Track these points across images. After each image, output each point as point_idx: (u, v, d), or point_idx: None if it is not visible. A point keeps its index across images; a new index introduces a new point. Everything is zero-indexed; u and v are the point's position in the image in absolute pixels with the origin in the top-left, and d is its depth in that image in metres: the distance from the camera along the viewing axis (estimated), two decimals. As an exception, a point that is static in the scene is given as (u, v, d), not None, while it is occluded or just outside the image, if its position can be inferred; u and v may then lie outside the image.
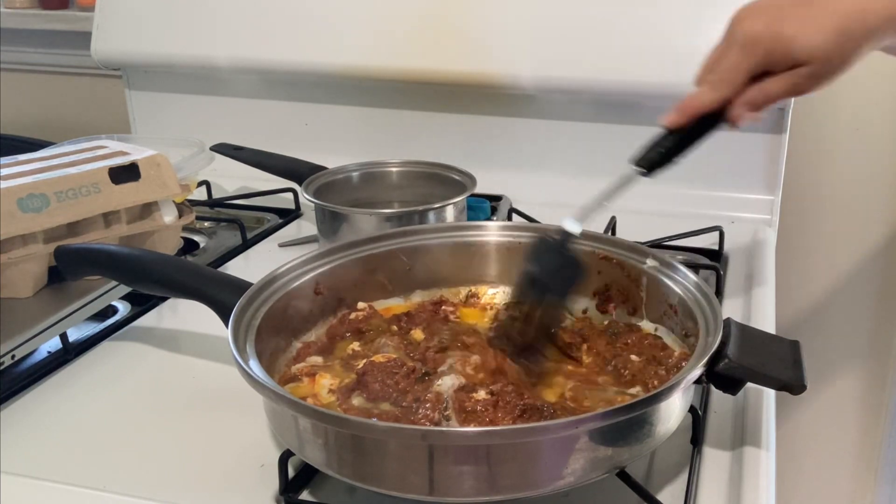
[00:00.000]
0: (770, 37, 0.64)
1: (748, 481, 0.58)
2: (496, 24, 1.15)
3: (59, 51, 1.62)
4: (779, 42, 0.63)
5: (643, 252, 0.74)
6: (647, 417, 0.55)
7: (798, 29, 0.63)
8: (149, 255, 0.75)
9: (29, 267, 0.82)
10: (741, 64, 0.65)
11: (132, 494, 0.59)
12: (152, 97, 1.37)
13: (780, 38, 0.63)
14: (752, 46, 0.64)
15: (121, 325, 0.85)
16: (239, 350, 0.59)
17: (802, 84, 0.65)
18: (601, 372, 0.67)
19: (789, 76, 0.65)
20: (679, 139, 0.68)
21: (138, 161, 0.90)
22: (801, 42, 0.63)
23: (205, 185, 1.19)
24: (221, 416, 0.69)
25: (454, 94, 1.21)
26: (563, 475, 0.53)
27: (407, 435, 0.53)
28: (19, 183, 0.82)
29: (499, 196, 1.13)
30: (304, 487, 0.60)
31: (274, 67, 1.24)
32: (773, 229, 1.10)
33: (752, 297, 0.89)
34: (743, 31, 0.65)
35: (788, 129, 1.11)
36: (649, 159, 0.68)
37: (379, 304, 0.77)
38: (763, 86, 0.66)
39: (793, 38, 0.63)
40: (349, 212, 0.96)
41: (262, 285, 0.68)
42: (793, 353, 0.60)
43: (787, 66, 0.64)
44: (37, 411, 0.71)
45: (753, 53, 0.64)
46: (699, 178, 1.14)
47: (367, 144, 1.27)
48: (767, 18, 0.64)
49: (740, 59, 0.65)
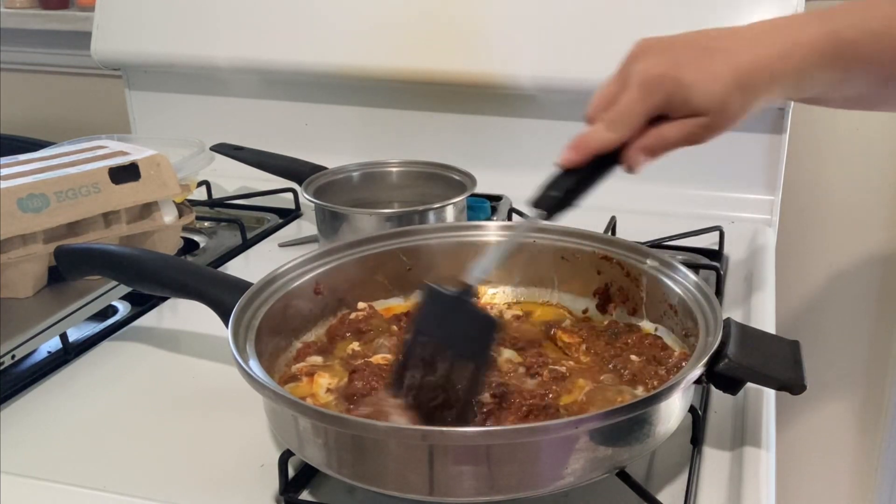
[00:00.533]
0: (671, 82, 0.61)
1: (748, 481, 0.58)
2: (496, 24, 1.15)
3: (59, 51, 1.62)
4: (679, 88, 0.61)
5: (643, 252, 0.74)
6: (647, 417, 0.55)
7: (697, 77, 0.61)
8: (149, 255, 0.75)
9: (29, 267, 0.82)
10: (640, 105, 0.62)
11: (132, 494, 0.59)
12: (152, 97, 1.37)
13: (681, 84, 0.61)
14: (652, 89, 0.62)
15: (121, 325, 0.85)
16: (239, 350, 0.59)
17: (698, 134, 0.63)
18: (601, 371, 0.67)
19: (685, 125, 0.63)
20: (577, 180, 0.64)
21: (138, 161, 0.90)
22: (699, 91, 0.61)
23: (205, 185, 1.19)
24: (221, 416, 0.69)
25: (454, 94, 1.21)
26: (563, 475, 0.53)
27: (407, 435, 0.53)
28: (19, 183, 0.82)
29: (499, 196, 1.13)
30: (304, 487, 0.60)
31: (274, 67, 1.24)
32: (773, 229, 1.11)
33: (752, 296, 0.89)
34: (643, 71, 0.62)
35: (788, 129, 1.11)
36: (549, 201, 0.64)
37: (379, 304, 0.77)
38: (660, 132, 0.63)
39: (692, 87, 0.61)
40: (349, 212, 0.96)
41: (262, 285, 0.68)
42: (793, 353, 0.60)
43: (684, 113, 0.62)
44: (37, 411, 0.71)
45: (654, 96, 0.62)
46: (699, 178, 1.14)
47: (367, 144, 1.27)
48: (667, 63, 0.62)
49: (639, 101, 0.62)
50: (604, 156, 0.63)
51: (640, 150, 0.63)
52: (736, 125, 0.64)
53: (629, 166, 0.64)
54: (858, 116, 1.27)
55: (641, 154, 0.63)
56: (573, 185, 0.64)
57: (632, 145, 0.63)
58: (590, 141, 0.63)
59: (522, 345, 0.70)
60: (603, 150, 0.63)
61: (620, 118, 0.63)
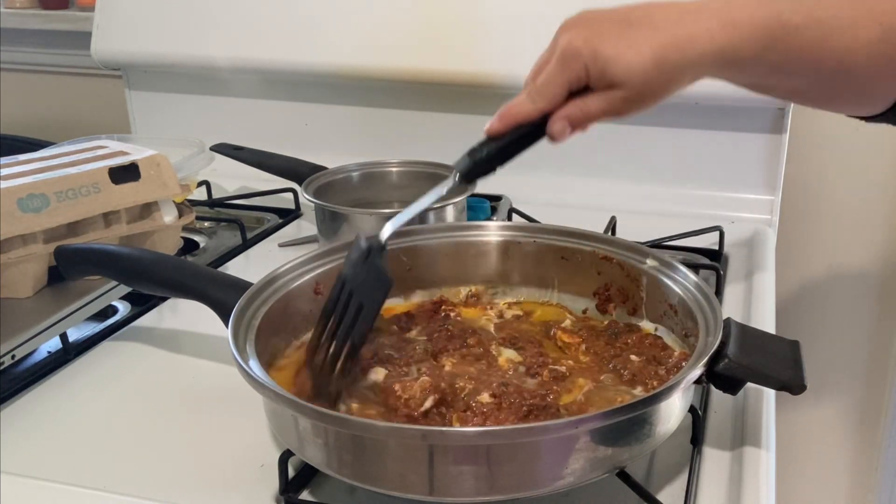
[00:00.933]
0: (589, 53, 0.61)
1: (748, 481, 0.58)
2: (496, 24, 1.15)
3: (59, 51, 1.62)
4: (597, 60, 0.61)
5: (643, 252, 0.74)
6: (647, 417, 0.55)
7: (617, 51, 0.61)
8: (149, 255, 0.75)
9: (29, 267, 0.82)
10: (559, 77, 0.63)
11: (132, 494, 0.59)
12: (152, 97, 1.37)
13: (598, 56, 0.61)
14: (570, 60, 0.62)
15: (121, 325, 0.85)
16: (239, 350, 0.59)
17: (617, 106, 0.63)
18: (601, 371, 0.67)
19: (605, 96, 0.63)
20: (499, 147, 0.66)
21: (138, 161, 0.90)
22: (617, 64, 0.61)
23: (205, 185, 1.19)
24: (221, 416, 0.69)
25: (454, 94, 1.21)
26: (563, 475, 0.53)
27: (407, 435, 0.53)
28: (19, 183, 0.82)
29: (499, 196, 1.13)
30: (304, 487, 0.60)
31: (274, 67, 1.24)
32: (773, 229, 1.11)
33: (752, 297, 0.89)
34: (565, 43, 0.62)
35: (788, 129, 1.11)
36: (467, 165, 0.66)
37: (379, 304, 0.77)
38: (582, 102, 0.64)
39: (609, 59, 0.61)
40: (349, 212, 0.96)
41: (262, 285, 0.68)
42: (793, 353, 0.60)
43: (603, 85, 0.62)
44: (37, 411, 0.71)
45: (571, 68, 0.62)
46: (699, 178, 1.14)
47: (367, 144, 1.27)
48: (588, 34, 0.62)
49: (559, 72, 0.63)
50: (529, 125, 0.65)
51: (562, 118, 0.64)
52: (660, 100, 0.63)
53: (552, 135, 0.65)
54: (858, 116, 1.27)
55: (564, 123, 0.64)
56: (493, 152, 0.66)
57: (555, 114, 0.64)
58: (512, 110, 0.65)
59: (522, 345, 0.70)
60: (525, 121, 0.65)
61: (541, 89, 0.64)
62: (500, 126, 0.65)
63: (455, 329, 0.72)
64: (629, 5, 0.64)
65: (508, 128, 0.65)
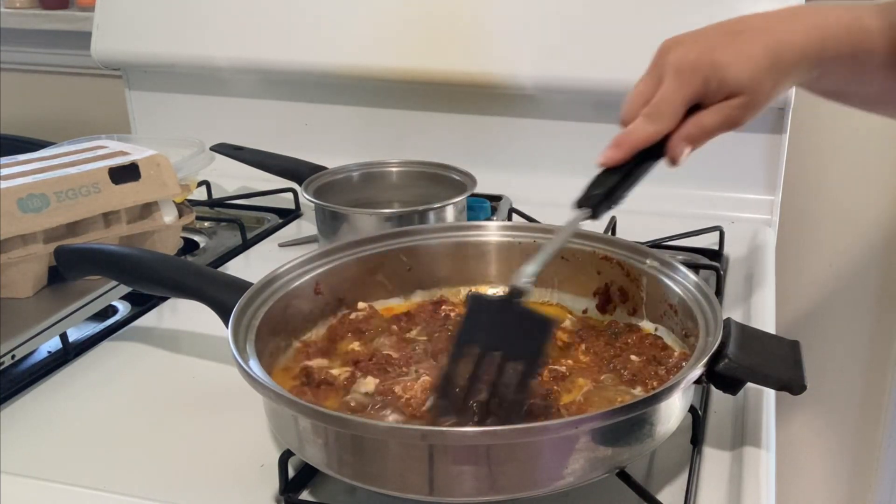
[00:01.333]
0: (707, 65, 0.62)
1: (748, 481, 0.58)
2: (496, 24, 1.15)
3: (59, 51, 1.62)
4: (715, 70, 0.62)
5: (643, 252, 0.74)
6: (647, 417, 0.55)
7: (731, 59, 0.62)
8: (149, 255, 0.75)
9: (29, 267, 0.82)
10: (679, 93, 0.63)
11: (132, 494, 0.59)
12: (152, 97, 1.37)
13: (716, 66, 0.62)
14: (689, 75, 0.63)
15: (121, 325, 0.85)
16: (239, 350, 0.59)
17: (736, 115, 0.64)
18: (601, 371, 0.67)
19: (723, 108, 0.63)
20: (620, 178, 0.64)
21: (138, 161, 0.90)
22: (735, 71, 0.62)
23: (205, 185, 1.19)
24: (221, 416, 0.69)
25: (454, 94, 1.21)
26: (563, 475, 0.53)
27: (407, 435, 0.53)
28: (19, 183, 0.82)
29: (499, 196, 1.13)
30: (304, 487, 0.60)
31: (274, 67, 1.24)
32: (773, 229, 1.11)
33: (752, 297, 0.89)
34: (677, 60, 0.63)
35: (788, 129, 1.11)
36: (593, 201, 0.64)
37: (379, 304, 0.77)
38: (699, 120, 0.64)
39: (727, 67, 0.62)
40: (349, 212, 0.96)
41: (262, 285, 0.68)
42: (793, 353, 0.60)
43: (721, 95, 0.63)
44: (37, 411, 0.71)
45: (691, 82, 0.63)
46: (699, 178, 1.14)
47: (367, 144, 1.27)
48: (700, 48, 0.63)
49: (677, 90, 0.63)
50: (645, 151, 0.64)
51: (682, 140, 0.64)
52: (770, 103, 0.64)
53: (672, 158, 0.65)
54: (858, 116, 1.26)
55: (684, 144, 0.64)
56: (616, 183, 0.64)
57: (673, 137, 0.64)
58: (631, 137, 0.64)
59: None
60: (645, 145, 0.64)
61: (660, 110, 0.63)
62: (619, 154, 0.64)
63: (456, 329, 0.72)
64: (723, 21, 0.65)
65: (629, 155, 0.64)
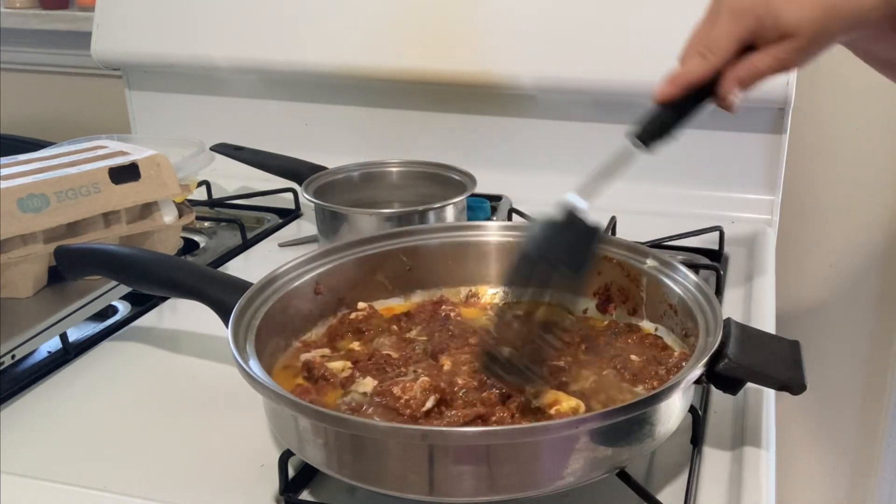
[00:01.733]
0: (762, 5, 0.63)
1: (748, 481, 0.58)
2: (496, 24, 1.15)
3: (59, 51, 1.62)
4: (769, 11, 0.63)
5: (643, 252, 0.74)
6: (647, 417, 0.55)
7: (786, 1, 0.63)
8: (149, 255, 0.75)
9: (29, 267, 0.82)
10: (731, 33, 0.64)
11: (132, 494, 0.59)
12: (152, 97, 1.37)
13: (770, 6, 0.63)
14: (742, 14, 0.64)
15: (121, 325, 0.85)
16: (239, 350, 0.59)
17: (788, 58, 0.64)
18: (602, 371, 0.67)
19: (776, 50, 0.64)
20: (672, 113, 0.66)
21: (138, 161, 0.90)
22: (790, 13, 0.63)
23: (205, 185, 1.19)
24: (221, 416, 0.69)
25: (454, 94, 1.21)
26: (563, 475, 0.53)
27: (407, 435, 0.53)
28: (19, 183, 0.82)
29: (499, 196, 1.13)
30: (304, 487, 0.60)
31: (274, 67, 1.24)
32: (773, 229, 1.11)
33: (752, 297, 0.89)
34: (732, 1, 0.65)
35: (788, 129, 1.11)
36: (646, 133, 0.66)
37: (379, 304, 0.77)
38: (750, 61, 0.65)
39: (782, 8, 0.63)
40: (349, 212, 0.96)
41: (262, 285, 0.68)
42: (793, 353, 0.60)
43: (774, 37, 0.64)
44: (37, 411, 0.71)
45: (744, 21, 0.64)
46: (699, 178, 1.14)
47: (367, 144, 1.27)
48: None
49: (730, 28, 0.64)
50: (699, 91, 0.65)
51: (734, 80, 0.65)
52: (826, 48, 0.65)
53: (723, 98, 0.66)
54: (858, 116, 1.27)
55: (734, 85, 0.65)
56: (669, 119, 0.66)
57: (725, 77, 0.65)
58: (685, 73, 0.65)
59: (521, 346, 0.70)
60: (698, 82, 0.65)
61: (712, 47, 0.64)
62: (672, 89, 0.65)
63: (456, 329, 0.72)
64: None
65: (682, 90, 0.65)
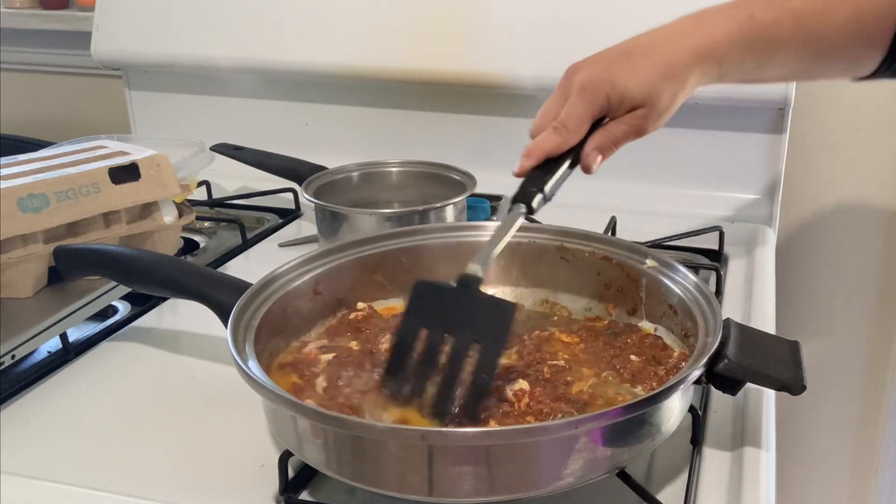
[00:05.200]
0: (608, 83, 0.68)
1: (748, 481, 0.58)
2: (496, 24, 1.15)
3: (59, 51, 1.62)
4: (615, 87, 0.68)
5: (643, 252, 0.74)
6: (646, 418, 0.55)
7: (627, 76, 0.68)
8: (149, 256, 0.75)
9: (29, 267, 0.82)
10: (584, 109, 0.68)
11: (132, 494, 0.59)
12: (152, 97, 1.37)
13: (616, 83, 0.68)
14: (591, 93, 0.68)
15: (121, 325, 0.85)
16: (238, 350, 0.59)
17: (641, 124, 0.69)
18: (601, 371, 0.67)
19: (628, 119, 0.69)
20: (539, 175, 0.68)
21: (138, 161, 0.90)
22: (632, 87, 0.68)
23: (205, 185, 1.19)
24: (221, 416, 0.69)
25: (454, 94, 1.21)
26: (563, 476, 0.53)
27: (406, 435, 0.53)
28: (19, 183, 0.82)
29: (499, 196, 1.13)
30: (304, 487, 0.60)
31: (274, 67, 1.24)
32: (773, 229, 1.10)
33: (752, 297, 0.89)
34: (581, 80, 0.68)
35: (788, 129, 1.11)
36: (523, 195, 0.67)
37: (379, 304, 0.77)
38: (607, 130, 0.69)
39: (625, 84, 0.68)
40: (349, 212, 0.96)
41: (262, 285, 0.68)
42: (793, 353, 0.60)
43: (625, 109, 0.69)
44: (37, 411, 0.71)
45: (596, 100, 0.68)
46: (699, 178, 1.14)
47: (367, 144, 1.27)
48: (601, 68, 0.69)
49: (583, 105, 0.68)
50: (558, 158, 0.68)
51: (594, 149, 0.69)
52: (673, 110, 0.71)
53: (585, 166, 0.70)
54: (858, 116, 1.27)
55: (595, 153, 0.70)
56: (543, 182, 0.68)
57: (585, 147, 0.69)
58: (539, 146, 0.69)
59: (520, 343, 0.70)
60: (553, 153, 0.68)
61: (566, 123, 0.68)
62: (528, 162, 0.69)
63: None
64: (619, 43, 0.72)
65: (536, 161, 0.68)
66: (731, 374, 0.58)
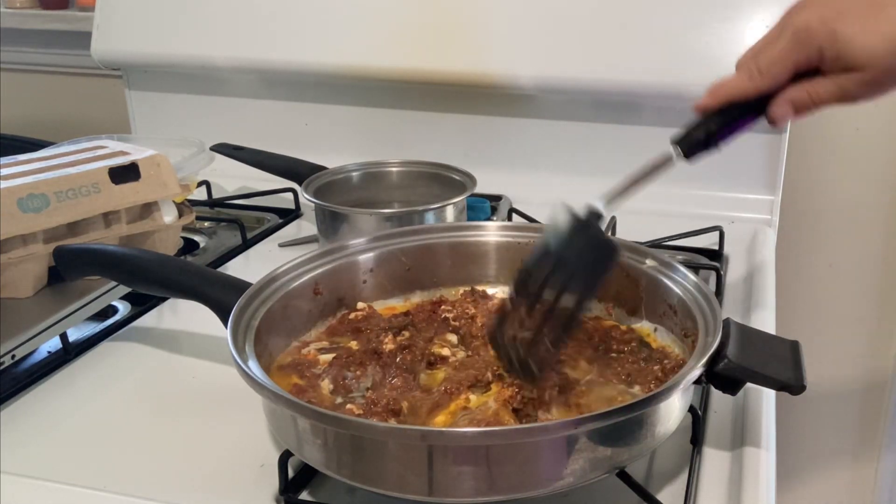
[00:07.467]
0: (826, 33, 0.58)
1: (748, 481, 0.58)
2: (496, 24, 1.15)
3: (59, 51, 1.62)
4: (834, 41, 0.58)
5: (643, 252, 0.74)
6: (646, 418, 0.55)
7: (859, 31, 0.57)
8: (149, 255, 0.75)
9: (29, 267, 0.82)
10: (788, 57, 0.59)
11: (132, 494, 0.59)
12: (152, 97, 1.37)
13: (837, 36, 0.57)
14: (803, 40, 0.59)
15: (121, 325, 0.85)
16: (238, 350, 0.59)
17: (853, 91, 0.59)
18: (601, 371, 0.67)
19: (840, 80, 0.59)
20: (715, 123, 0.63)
21: (138, 161, 0.90)
22: (858, 45, 0.57)
23: (205, 185, 1.19)
24: (221, 416, 0.69)
25: (454, 94, 1.21)
26: (563, 475, 0.53)
27: (406, 435, 0.53)
28: (19, 183, 0.82)
29: (499, 196, 1.13)
30: (304, 487, 0.60)
31: (274, 67, 1.24)
32: (773, 229, 1.10)
33: (752, 297, 0.89)
34: (800, 21, 0.59)
35: (788, 129, 1.11)
36: (687, 142, 0.63)
37: (379, 304, 0.77)
38: (811, 86, 0.60)
39: (850, 40, 0.57)
40: (349, 212, 0.96)
41: (262, 285, 0.68)
42: (793, 353, 0.60)
43: (839, 68, 0.59)
44: (37, 411, 0.71)
45: (804, 48, 0.59)
46: (699, 178, 1.14)
47: (367, 144, 1.27)
48: (827, 13, 0.58)
49: (788, 52, 0.59)
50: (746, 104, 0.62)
51: (787, 103, 0.61)
52: None
53: (773, 118, 0.62)
54: (858, 116, 1.27)
55: (788, 107, 0.61)
56: (714, 129, 0.63)
57: (778, 97, 0.61)
58: (726, 87, 0.62)
59: None
60: (737, 98, 0.62)
61: (765, 68, 0.61)
62: (710, 101, 0.62)
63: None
64: None
65: (719, 104, 0.62)
66: (731, 374, 0.58)
